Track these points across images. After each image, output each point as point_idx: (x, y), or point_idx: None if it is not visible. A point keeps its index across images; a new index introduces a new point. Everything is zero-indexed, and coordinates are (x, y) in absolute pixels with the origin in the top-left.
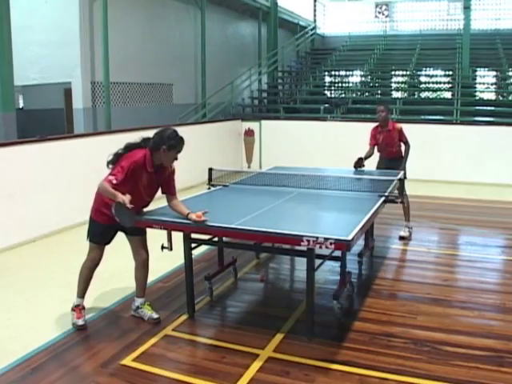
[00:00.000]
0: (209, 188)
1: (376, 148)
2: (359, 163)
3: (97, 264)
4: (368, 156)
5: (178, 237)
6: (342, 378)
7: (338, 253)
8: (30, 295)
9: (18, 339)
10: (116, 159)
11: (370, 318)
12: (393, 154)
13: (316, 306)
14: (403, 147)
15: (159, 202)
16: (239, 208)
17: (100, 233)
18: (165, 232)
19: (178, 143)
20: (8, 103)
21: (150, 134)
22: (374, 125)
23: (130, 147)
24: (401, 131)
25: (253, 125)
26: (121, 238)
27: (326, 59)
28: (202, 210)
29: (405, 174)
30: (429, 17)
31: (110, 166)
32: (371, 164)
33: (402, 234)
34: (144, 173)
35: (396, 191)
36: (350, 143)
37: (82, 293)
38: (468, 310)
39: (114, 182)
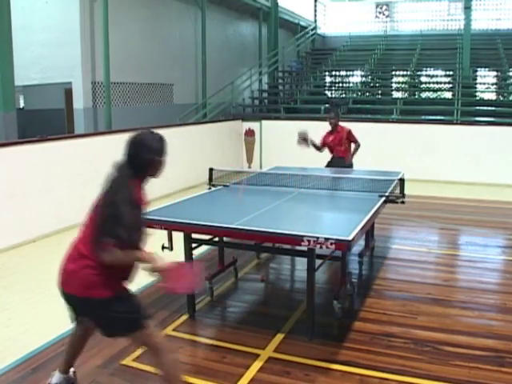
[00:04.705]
0: (209, 188)
1: (328, 148)
2: (305, 139)
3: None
4: (316, 146)
5: (178, 237)
6: (343, 378)
7: (338, 253)
8: (30, 295)
9: (18, 339)
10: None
11: (370, 318)
12: (341, 152)
13: (316, 306)
14: (353, 147)
15: (159, 202)
16: (240, 208)
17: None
18: (165, 232)
19: (164, 144)
20: (8, 103)
21: None
22: (373, 124)
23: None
24: (349, 132)
25: (253, 125)
26: None
27: (326, 59)
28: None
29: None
30: (429, 17)
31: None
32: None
33: None
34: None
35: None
36: None
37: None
38: (468, 310)
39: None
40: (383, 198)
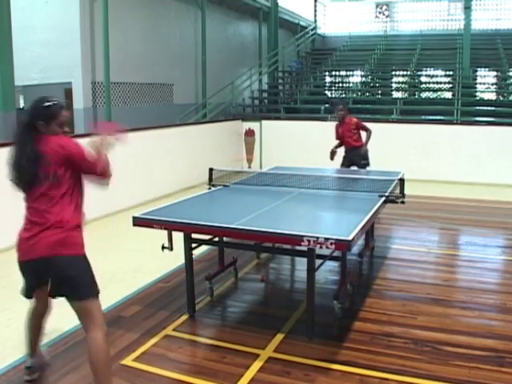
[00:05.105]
0: (209, 188)
1: (341, 141)
2: (333, 154)
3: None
4: (338, 145)
5: (178, 237)
6: (343, 378)
7: (338, 253)
8: None
9: (18, 339)
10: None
11: (370, 318)
12: (352, 141)
13: (316, 306)
14: (363, 138)
15: (159, 202)
16: (240, 208)
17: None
18: (165, 232)
19: (54, 107)
20: (8, 103)
21: (152, 134)
22: (373, 124)
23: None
24: (357, 122)
25: (253, 125)
26: (122, 238)
27: (326, 59)
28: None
29: (367, 157)
30: (429, 17)
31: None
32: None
33: None
34: None
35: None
36: None
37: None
38: (468, 310)
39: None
40: (383, 198)
